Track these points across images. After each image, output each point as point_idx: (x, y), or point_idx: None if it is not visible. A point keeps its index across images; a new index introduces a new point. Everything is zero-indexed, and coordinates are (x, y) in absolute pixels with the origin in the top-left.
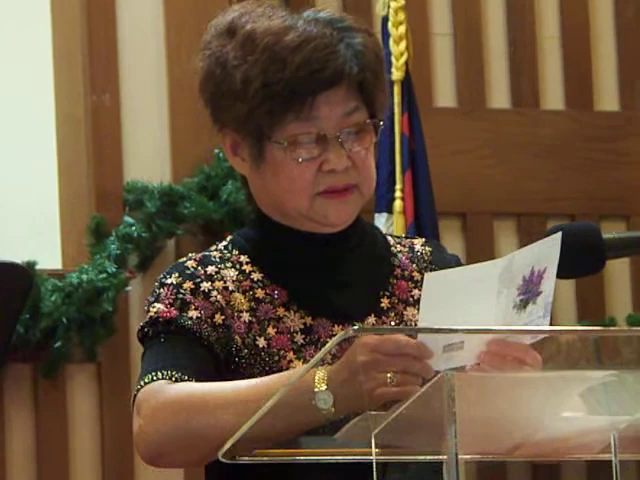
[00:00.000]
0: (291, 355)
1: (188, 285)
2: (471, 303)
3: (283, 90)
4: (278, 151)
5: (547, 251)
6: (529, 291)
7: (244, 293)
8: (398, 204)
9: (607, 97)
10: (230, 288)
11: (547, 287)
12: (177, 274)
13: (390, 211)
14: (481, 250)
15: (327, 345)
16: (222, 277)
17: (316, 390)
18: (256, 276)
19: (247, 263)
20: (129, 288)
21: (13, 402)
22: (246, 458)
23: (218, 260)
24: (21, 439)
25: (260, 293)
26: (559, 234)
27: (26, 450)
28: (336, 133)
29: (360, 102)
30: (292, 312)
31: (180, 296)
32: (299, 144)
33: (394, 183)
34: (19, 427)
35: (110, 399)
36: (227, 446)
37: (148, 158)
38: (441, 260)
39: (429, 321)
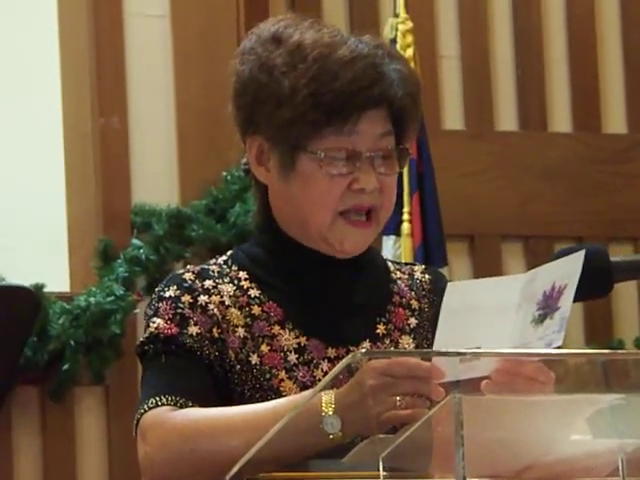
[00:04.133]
0: (283, 374)
1: (186, 299)
2: (490, 316)
3: (332, 102)
4: (311, 162)
5: (569, 269)
6: (548, 306)
7: (240, 309)
8: (406, 227)
9: (615, 119)
10: (226, 303)
11: (565, 303)
12: (175, 287)
13: (398, 234)
14: (489, 272)
15: (335, 368)
16: (219, 292)
17: (324, 414)
18: (253, 293)
19: (245, 279)
20: (137, 311)
21: (21, 424)
22: None
23: (216, 275)
24: (29, 462)
25: (256, 310)
26: (582, 252)
27: (34, 473)
28: (369, 153)
29: (392, 127)
30: (287, 331)
31: (179, 310)
32: (333, 158)
33: (402, 206)
34: (27, 449)
35: (118, 422)
36: (235, 470)
37: (156, 180)
38: (440, 289)
39: (446, 331)
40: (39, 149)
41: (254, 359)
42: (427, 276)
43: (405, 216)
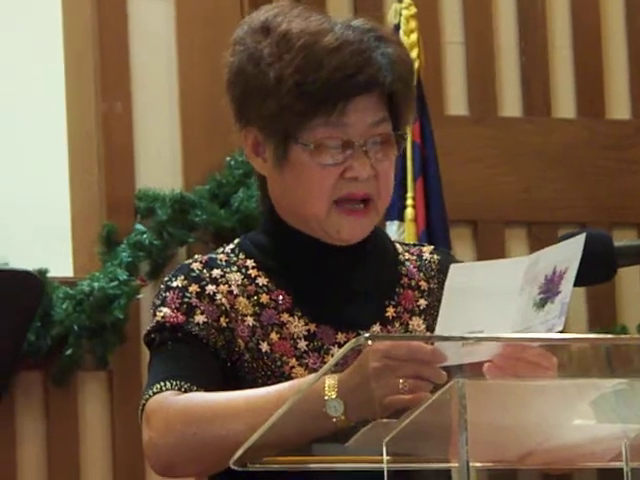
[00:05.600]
0: (293, 361)
1: (194, 288)
2: (493, 299)
3: (317, 91)
4: (303, 153)
5: (570, 252)
6: (549, 290)
7: (249, 298)
8: (409, 212)
9: (618, 105)
10: (235, 292)
11: (566, 288)
12: (182, 277)
13: (401, 219)
14: (492, 258)
15: (339, 352)
16: (227, 281)
17: (326, 398)
18: (261, 281)
19: (253, 268)
20: (140, 296)
21: (24, 409)
22: (257, 465)
23: (224, 263)
24: (32, 446)
25: (265, 298)
26: (583, 236)
27: (37, 457)
28: (362, 141)
29: (387, 113)
30: (296, 318)
31: (186, 300)
32: (325, 148)
33: (405, 191)
34: (30, 434)
35: (121, 406)
36: (238, 454)
37: (159, 166)
38: (449, 269)
39: (449, 314)
40: (42, 134)
41: (264, 347)
42: (436, 256)
43: (409, 201)
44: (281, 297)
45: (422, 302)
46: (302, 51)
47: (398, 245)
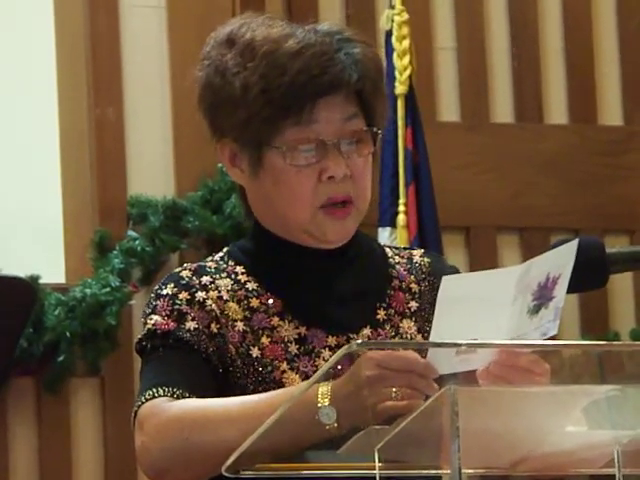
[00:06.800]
0: (284, 365)
1: (184, 295)
2: (486, 309)
3: (283, 95)
4: (277, 158)
5: (563, 258)
6: (543, 296)
7: (239, 302)
8: (401, 218)
9: (611, 111)
10: (224, 297)
11: (559, 293)
12: (172, 285)
13: (393, 225)
14: (484, 264)
15: (331, 359)
16: (216, 287)
17: (319, 405)
18: (251, 286)
19: (242, 273)
20: (133, 302)
21: (16, 416)
22: (249, 472)
23: (213, 270)
24: (24, 453)
25: (255, 302)
26: (575, 242)
27: (29, 464)
28: (335, 140)
29: (358, 110)
30: (286, 322)
31: (176, 307)
32: (298, 150)
33: (397, 197)
34: (22, 441)
35: (113, 413)
36: (230, 460)
37: (152, 172)
38: (440, 271)
39: (442, 325)
40: (35, 140)
41: (255, 352)
42: (426, 259)
43: (401, 207)
44: (271, 301)
45: (413, 304)
46: (265, 58)
47: (388, 249)
